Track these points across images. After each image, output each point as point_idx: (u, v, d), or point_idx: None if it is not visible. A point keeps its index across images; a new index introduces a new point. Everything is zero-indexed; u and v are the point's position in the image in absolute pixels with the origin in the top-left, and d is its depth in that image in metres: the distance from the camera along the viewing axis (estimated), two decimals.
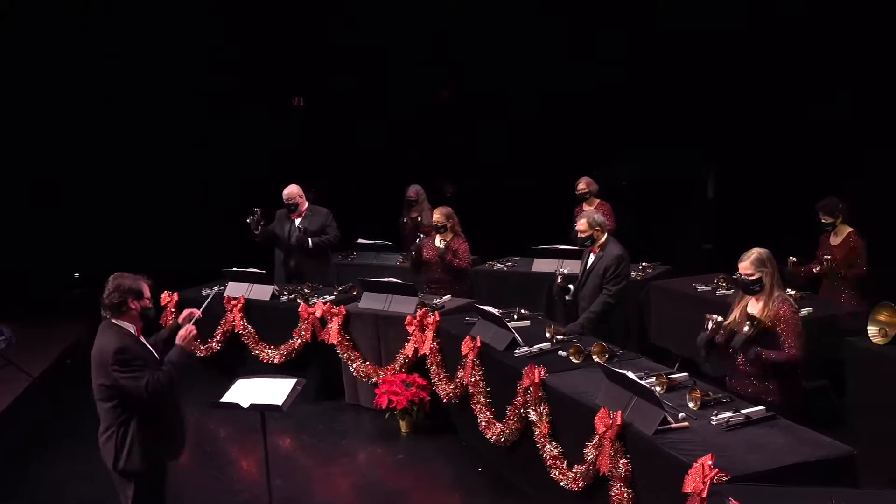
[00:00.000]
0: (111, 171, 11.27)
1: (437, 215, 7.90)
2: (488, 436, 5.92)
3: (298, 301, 7.80)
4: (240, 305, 8.00)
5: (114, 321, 4.53)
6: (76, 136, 11.22)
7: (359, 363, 7.32)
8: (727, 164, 10.85)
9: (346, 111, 11.46)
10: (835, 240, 7.04)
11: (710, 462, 3.88)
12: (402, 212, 10.04)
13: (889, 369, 5.62)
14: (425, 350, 6.86)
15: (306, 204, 8.57)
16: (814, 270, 7.06)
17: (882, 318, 5.66)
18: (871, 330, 5.70)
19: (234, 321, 8.01)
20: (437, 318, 6.87)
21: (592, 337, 6.10)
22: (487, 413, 6.02)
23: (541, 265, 8.72)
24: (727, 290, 7.39)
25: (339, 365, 7.61)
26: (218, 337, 8.09)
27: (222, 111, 11.23)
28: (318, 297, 7.84)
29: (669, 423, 4.42)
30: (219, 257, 9.78)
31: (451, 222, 7.90)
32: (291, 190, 8.51)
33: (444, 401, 6.64)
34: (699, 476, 3.84)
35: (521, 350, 5.89)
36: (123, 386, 4.38)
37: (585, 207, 8.87)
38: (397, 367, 7.05)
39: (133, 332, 4.57)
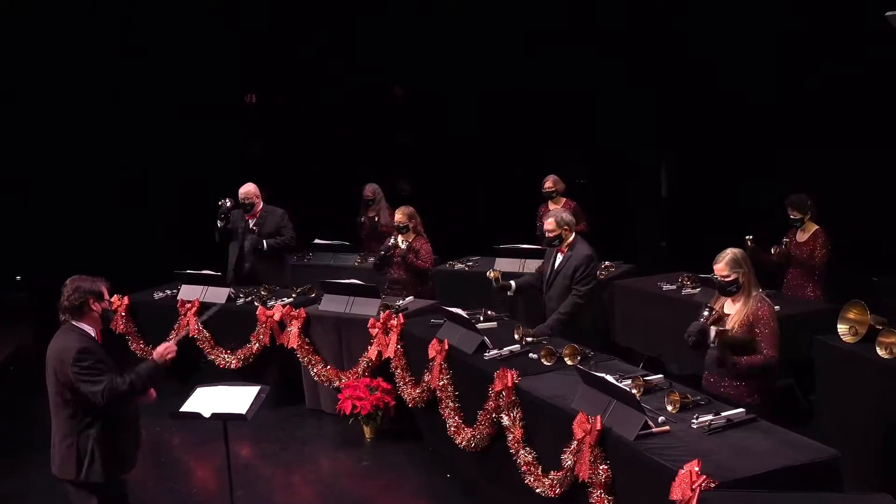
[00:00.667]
0: (54, 171, 10.81)
1: (399, 215, 7.72)
2: (458, 441, 5.77)
3: (256, 304, 7.56)
4: (194, 309, 7.73)
5: (74, 323, 4.31)
6: (19, 134, 10.76)
7: (320, 367, 7.11)
8: (681, 160, 10.88)
9: (298, 108, 11.18)
10: (802, 236, 7.02)
11: (696, 468, 3.79)
12: (359, 211, 9.83)
13: (859, 368, 5.60)
14: (389, 353, 6.69)
15: (262, 204, 8.33)
16: (771, 252, 7.01)
17: (852, 316, 5.64)
18: (842, 328, 5.68)
19: (188, 325, 7.74)
20: (402, 321, 6.70)
21: (562, 339, 5.98)
22: (456, 418, 5.86)
23: (503, 265, 8.56)
24: (693, 288, 7.36)
25: (298, 369, 7.39)
26: (171, 341, 7.77)
27: (173, 109, 10.87)
28: (275, 300, 7.61)
29: (650, 427, 4.31)
30: (170, 259, 9.45)
31: (414, 222, 7.73)
32: (248, 189, 8.26)
33: (410, 406, 6.47)
34: (687, 483, 3.74)
35: (491, 353, 5.75)
36: (81, 389, 4.16)
37: (551, 206, 8.78)
38: (360, 371, 6.87)
39: (93, 335, 4.36)
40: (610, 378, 4.59)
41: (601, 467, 4.37)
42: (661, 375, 5.09)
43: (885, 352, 5.33)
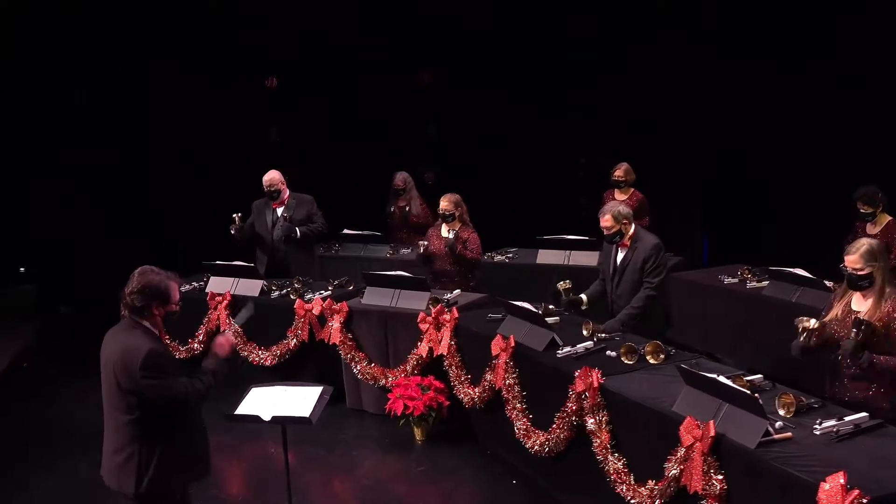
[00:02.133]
0: (60, 161, 10.26)
1: (446, 203, 7.27)
2: (528, 445, 5.34)
3: (292, 297, 7.10)
4: (226, 302, 7.27)
5: (135, 319, 3.86)
6: (36, 125, 10.21)
7: (364, 364, 6.67)
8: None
9: (321, 94, 10.70)
10: (873, 229, 6.65)
11: (842, 481, 3.38)
12: (388, 201, 9.39)
13: None
14: (442, 350, 6.25)
15: (288, 191, 7.87)
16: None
17: None
18: None
19: (218, 319, 7.29)
20: (456, 315, 6.26)
21: (635, 335, 5.57)
22: (525, 420, 5.43)
23: (546, 257, 8.20)
24: (759, 282, 6.96)
25: (337, 367, 6.95)
26: (200, 337, 7.35)
27: (190, 93, 10.36)
28: (312, 293, 7.15)
29: (771, 434, 3.90)
30: (196, 251, 8.95)
31: (460, 210, 7.28)
32: (273, 176, 7.80)
33: (467, 406, 6.04)
34: (837, 499, 3.32)
35: (565, 350, 5.33)
36: (152, 395, 3.71)
37: (617, 195, 8.40)
38: (409, 369, 6.43)
39: (157, 334, 3.91)
40: (723, 379, 4.16)
41: (715, 478, 3.95)
42: (760, 375, 4.68)
43: None
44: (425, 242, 7.36)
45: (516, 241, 9.06)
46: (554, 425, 5.09)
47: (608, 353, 5.26)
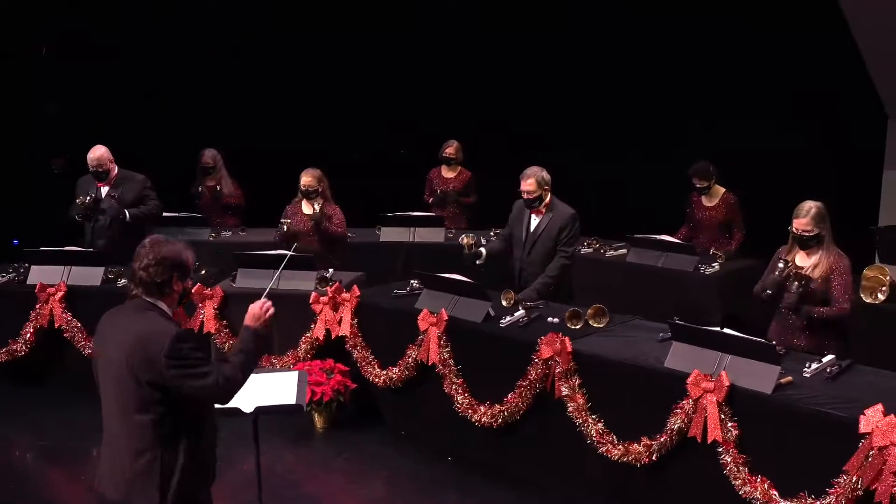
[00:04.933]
0: None
1: (308, 178, 6.85)
2: (474, 418, 5.20)
3: None
4: (60, 294, 6.29)
5: (148, 300, 3.22)
6: None
7: None
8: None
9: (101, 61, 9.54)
10: (709, 201, 7.20)
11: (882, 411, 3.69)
12: (196, 179, 8.65)
13: None
14: (343, 331, 5.91)
15: (116, 169, 6.98)
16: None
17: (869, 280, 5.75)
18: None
19: (51, 314, 6.29)
20: (358, 294, 5.94)
21: (556, 303, 5.64)
22: (465, 394, 5.29)
23: (391, 234, 8.02)
24: (615, 251, 7.34)
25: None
26: (27, 336, 6.31)
27: None
28: None
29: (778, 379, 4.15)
30: None
31: (323, 185, 6.91)
32: (101, 154, 6.87)
33: (381, 387, 5.75)
34: (889, 428, 3.60)
35: (506, 320, 5.26)
36: (184, 387, 3.11)
37: (444, 172, 8.44)
38: (301, 354, 6.01)
39: (171, 315, 3.28)
40: (728, 330, 4.34)
41: (731, 425, 4.13)
42: (716, 328, 4.93)
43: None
44: (287, 220, 6.88)
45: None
46: (513, 394, 5.01)
47: (549, 319, 5.27)
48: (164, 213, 8.19)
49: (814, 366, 4.32)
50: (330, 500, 5.16)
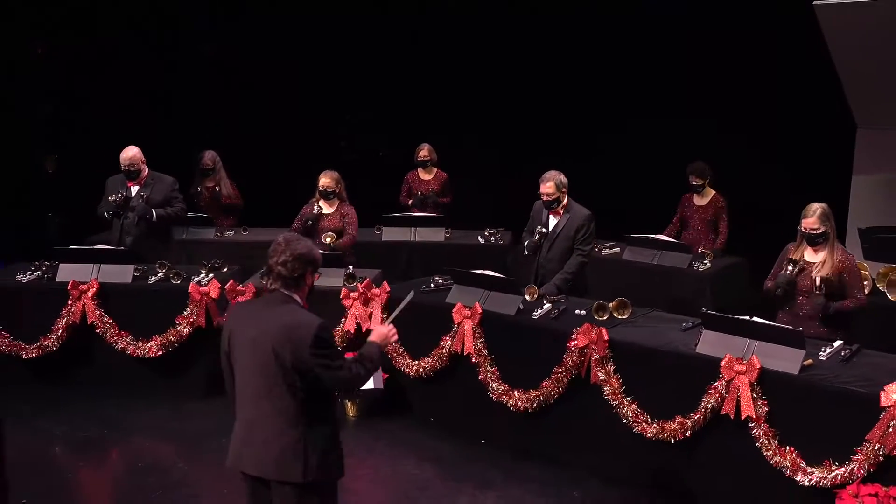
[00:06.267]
0: None
1: (328, 180, 7.17)
2: (509, 404, 5.61)
3: (174, 281, 6.56)
4: (92, 291, 6.48)
5: (286, 293, 3.55)
6: None
7: None
8: None
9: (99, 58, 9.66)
10: (700, 200, 7.79)
11: None
12: (194, 180, 8.86)
13: None
14: (373, 325, 6.25)
15: (147, 170, 7.20)
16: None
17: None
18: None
19: (83, 311, 6.48)
20: (388, 289, 6.30)
21: (574, 297, 6.10)
22: (499, 381, 5.70)
23: (394, 234, 8.37)
24: (609, 250, 7.83)
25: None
26: (59, 331, 6.47)
27: None
28: (196, 276, 6.66)
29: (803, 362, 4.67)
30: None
31: (340, 187, 7.24)
32: (133, 154, 7.08)
33: (412, 377, 6.11)
34: None
35: (538, 312, 5.70)
36: (323, 374, 3.45)
37: (422, 175, 8.79)
38: None
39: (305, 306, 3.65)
40: (758, 319, 4.85)
41: (761, 401, 4.63)
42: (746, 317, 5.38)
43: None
44: (315, 213, 7.15)
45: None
46: (548, 380, 5.43)
47: (577, 312, 5.72)
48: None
49: (828, 350, 4.86)
50: (374, 483, 5.48)
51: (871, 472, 4.25)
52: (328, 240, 7.02)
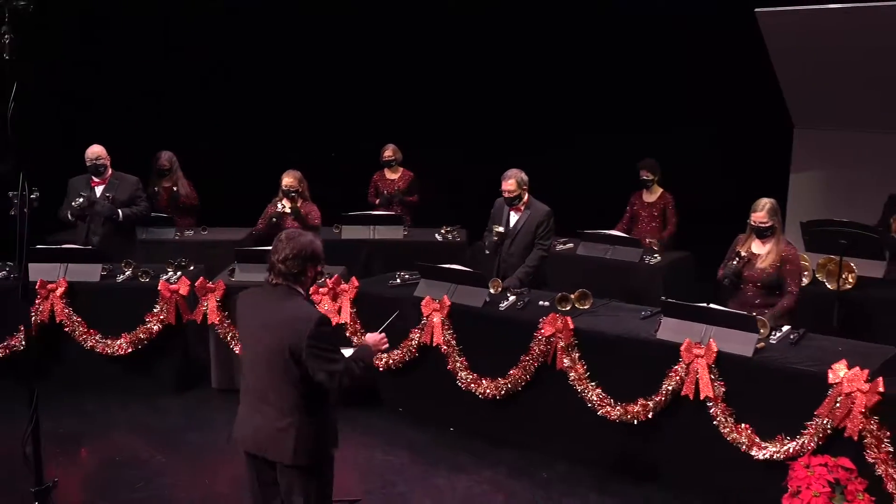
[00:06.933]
0: None
1: (291, 179, 7.33)
2: (478, 391, 5.86)
3: (142, 279, 6.65)
4: (61, 290, 6.54)
5: (290, 286, 3.75)
6: None
7: None
8: None
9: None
10: (649, 196, 8.16)
11: (846, 366, 4.59)
12: (151, 181, 8.91)
13: None
14: (343, 319, 6.44)
15: (111, 170, 7.26)
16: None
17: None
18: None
19: (52, 310, 6.53)
20: (356, 284, 6.50)
21: (535, 290, 6.37)
22: (467, 370, 5.94)
23: (353, 232, 8.54)
24: (563, 245, 8.13)
25: (202, 348, 6.77)
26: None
27: None
28: (164, 275, 6.77)
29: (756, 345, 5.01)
30: None
31: (303, 186, 7.41)
32: (99, 150, 7.14)
33: (381, 370, 6.31)
34: (855, 378, 4.50)
35: (504, 304, 5.96)
36: (315, 367, 3.62)
37: (388, 174, 8.97)
38: None
39: (309, 297, 3.85)
40: (714, 305, 5.18)
41: (718, 383, 4.96)
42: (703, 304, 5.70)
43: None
44: (279, 210, 7.29)
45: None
46: (515, 368, 5.70)
47: (541, 303, 5.99)
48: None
49: (777, 334, 5.22)
50: (351, 469, 5.63)
51: (820, 444, 4.60)
52: (287, 207, 7.19)
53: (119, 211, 7.12)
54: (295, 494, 3.75)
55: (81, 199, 6.99)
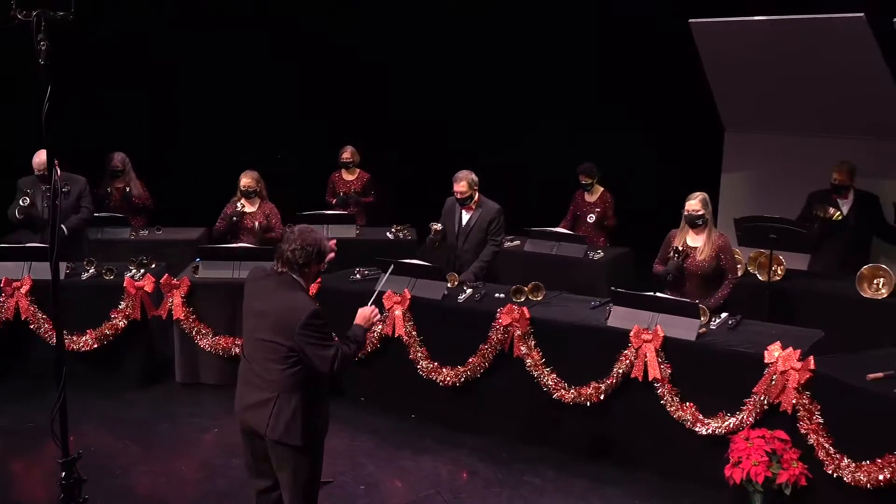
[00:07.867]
0: None
1: (248, 180, 7.56)
2: (438, 380, 6.18)
3: (106, 277, 6.81)
4: (26, 288, 6.65)
5: (294, 276, 4.02)
6: None
7: (210, 338, 6.75)
8: None
9: None
10: (591, 197, 8.59)
11: (780, 346, 5.05)
12: (104, 181, 9.01)
13: None
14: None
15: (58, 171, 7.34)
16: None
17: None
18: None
19: (17, 307, 6.64)
20: (319, 280, 6.75)
21: (489, 283, 6.73)
22: (428, 360, 6.26)
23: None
24: (510, 243, 8.50)
25: (165, 343, 6.94)
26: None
27: None
28: (128, 272, 6.92)
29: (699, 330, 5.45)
30: None
31: (261, 186, 7.63)
32: (45, 158, 7.22)
33: None
34: (789, 357, 4.96)
35: (462, 297, 6.30)
36: (309, 354, 3.91)
37: (345, 175, 9.25)
38: None
39: (308, 289, 4.13)
40: (661, 294, 5.60)
41: (664, 365, 5.38)
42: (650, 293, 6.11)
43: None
44: (238, 211, 7.51)
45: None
46: (474, 356, 6.04)
47: (496, 295, 6.35)
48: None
49: (717, 320, 5.67)
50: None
51: (758, 419, 5.05)
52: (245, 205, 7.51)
53: (62, 227, 7.15)
54: (283, 471, 4.04)
55: (26, 204, 7.08)
